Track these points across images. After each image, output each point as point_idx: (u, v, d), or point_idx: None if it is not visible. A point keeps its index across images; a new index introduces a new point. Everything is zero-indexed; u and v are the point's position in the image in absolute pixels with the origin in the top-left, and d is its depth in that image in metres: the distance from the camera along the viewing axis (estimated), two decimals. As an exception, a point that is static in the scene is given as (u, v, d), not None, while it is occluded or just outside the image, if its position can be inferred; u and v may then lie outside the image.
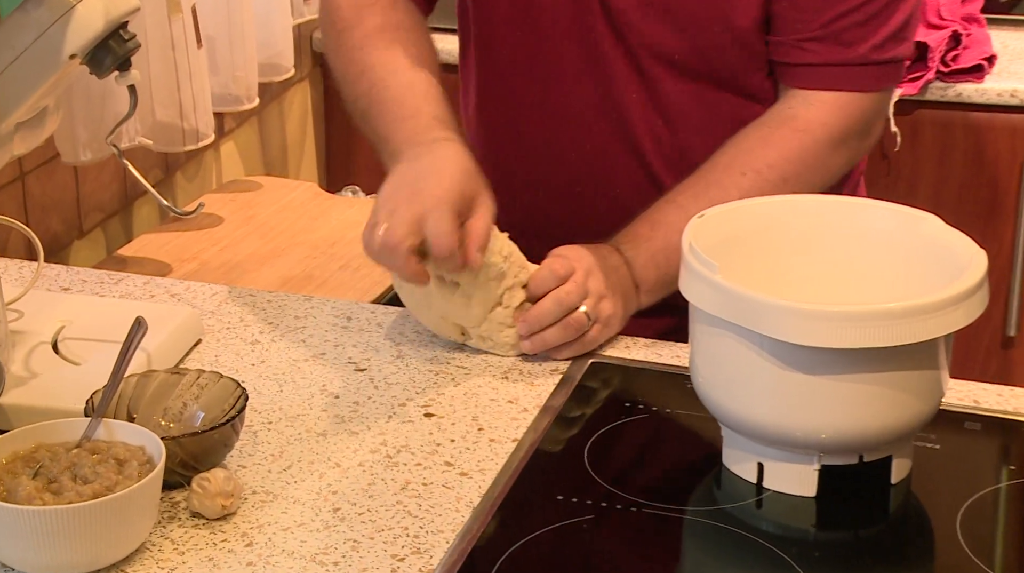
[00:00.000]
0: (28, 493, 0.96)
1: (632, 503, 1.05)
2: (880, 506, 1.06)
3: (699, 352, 1.07)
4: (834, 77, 1.28)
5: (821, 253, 1.13)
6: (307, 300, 1.37)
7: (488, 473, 1.09)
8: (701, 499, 1.07)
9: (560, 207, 1.38)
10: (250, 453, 1.11)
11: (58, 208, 1.88)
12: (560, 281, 1.20)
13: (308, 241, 1.97)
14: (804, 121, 1.28)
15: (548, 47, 1.31)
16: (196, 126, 1.97)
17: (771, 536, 1.02)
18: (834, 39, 1.27)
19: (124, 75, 1.11)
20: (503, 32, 1.34)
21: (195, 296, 1.38)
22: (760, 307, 0.99)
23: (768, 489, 1.06)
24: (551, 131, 1.35)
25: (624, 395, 1.20)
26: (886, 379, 1.00)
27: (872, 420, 1.01)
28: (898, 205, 1.13)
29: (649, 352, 1.27)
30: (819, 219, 1.14)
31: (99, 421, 1.03)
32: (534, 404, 1.19)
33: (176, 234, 1.98)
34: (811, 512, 1.05)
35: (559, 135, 1.35)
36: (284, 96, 2.48)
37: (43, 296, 1.31)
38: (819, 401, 1.00)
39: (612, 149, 1.34)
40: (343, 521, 1.03)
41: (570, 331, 1.21)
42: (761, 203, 1.15)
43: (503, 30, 1.34)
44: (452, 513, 1.04)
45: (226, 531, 1.02)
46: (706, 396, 1.08)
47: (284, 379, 1.23)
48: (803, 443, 1.03)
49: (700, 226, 1.09)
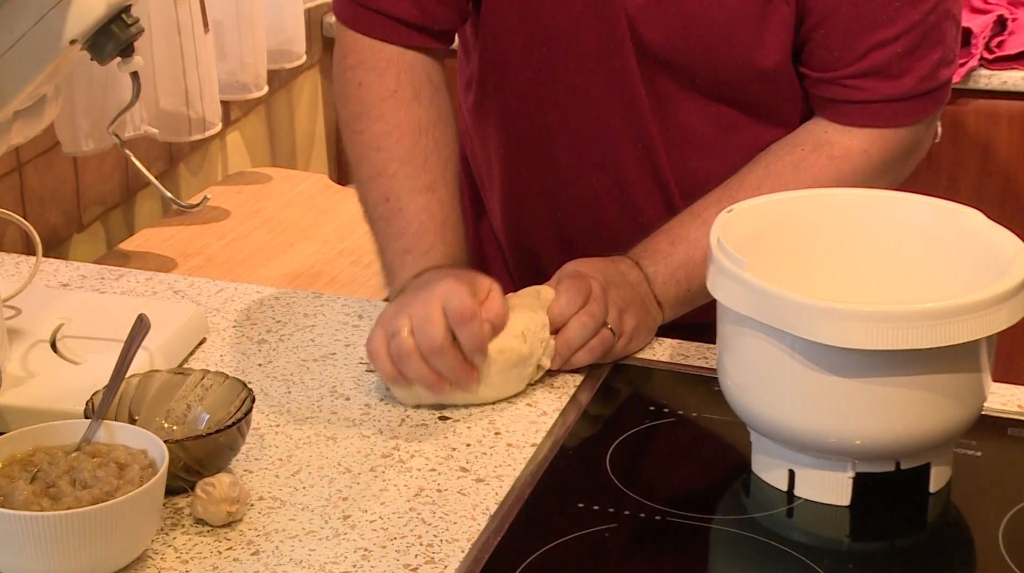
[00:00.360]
0: (25, 498, 0.97)
1: (656, 512, 1.05)
2: (918, 516, 1.06)
3: (727, 353, 1.07)
4: (880, 114, 1.25)
5: (856, 249, 1.13)
6: (317, 297, 1.38)
7: (505, 479, 1.09)
8: (729, 508, 1.07)
9: (581, 231, 1.38)
10: (257, 457, 1.12)
11: (57, 200, 1.90)
12: (581, 303, 1.19)
13: (318, 235, 1.98)
14: (842, 148, 1.26)
15: (571, 71, 1.30)
16: (202, 114, 1.98)
17: (802, 547, 1.02)
18: (878, 73, 1.24)
19: (127, 61, 1.12)
20: (520, 58, 1.32)
21: (199, 293, 1.39)
22: (792, 306, 0.99)
23: (799, 498, 1.06)
24: (572, 154, 1.34)
25: (648, 398, 1.21)
26: (924, 382, 1.00)
27: (910, 425, 1.01)
28: (938, 199, 1.12)
29: (675, 353, 1.27)
30: (854, 214, 1.13)
31: (99, 423, 1.04)
32: (554, 407, 1.19)
33: (180, 228, 1.99)
34: (845, 522, 1.05)
35: (580, 159, 1.34)
36: (294, 84, 2.49)
37: (41, 292, 1.32)
38: (854, 405, 1.00)
39: (634, 173, 1.33)
40: (354, 529, 1.04)
41: (597, 352, 1.21)
42: (793, 197, 1.15)
43: (520, 56, 1.32)
44: (468, 521, 1.04)
45: (231, 539, 1.03)
46: (735, 399, 1.08)
47: (292, 380, 1.23)
48: (837, 449, 1.03)
49: (729, 221, 1.09)
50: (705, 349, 1.27)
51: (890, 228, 1.12)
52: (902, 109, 1.26)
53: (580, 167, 1.35)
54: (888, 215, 1.13)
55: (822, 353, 0.99)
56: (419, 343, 1.12)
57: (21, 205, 1.82)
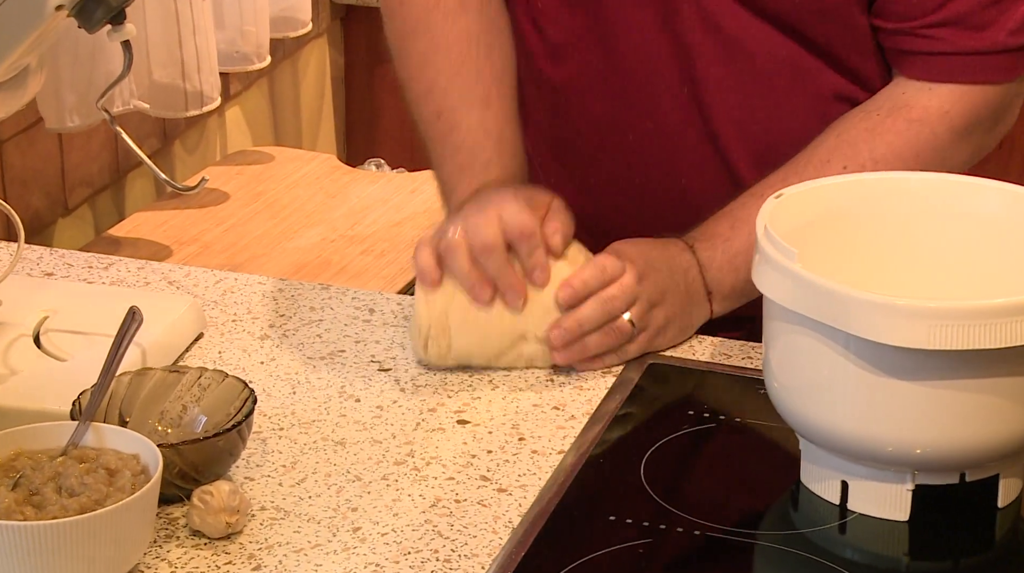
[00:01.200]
0: (7, 506, 0.97)
1: (696, 526, 1.04)
2: (984, 533, 1.05)
3: (775, 353, 1.06)
4: (963, 68, 1.25)
5: (919, 240, 1.12)
6: (324, 289, 1.38)
7: (530, 489, 1.09)
8: (775, 522, 1.07)
9: (620, 202, 1.36)
10: (258, 464, 1.12)
11: (40, 181, 1.90)
12: (608, 281, 1.20)
13: (325, 221, 1.98)
14: (921, 110, 1.26)
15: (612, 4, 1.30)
16: (199, 88, 1.98)
17: (856, 566, 1.02)
18: (962, 23, 1.24)
19: (117, 29, 1.12)
20: None
21: (196, 283, 1.39)
22: (847, 302, 0.98)
23: (853, 512, 1.06)
24: (614, 107, 1.33)
25: (687, 401, 1.20)
26: (993, 386, 0.99)
27: (976, 434, 1.01)
28: (1011, 185, 1.12)
29: (716, 352, 1.27)
30: (917, 201, 1.13)
31: (87, 425, 1.04)
32: (583, 411, 1.19)
33: (175, 212, 1.99)
34: (903, 539, 1.04)
35: (622, 112, 1.33)
36: (299, 54, 2.49)
37: (23, 282, 1.33)
38: (914, 411, 1.00)
39: (682, 129, 1.32)
40: (364, 542, 1.04)
41: (611, 339, 1.20)
42: (848, 181, 1.14)
43: None
44: (488, 534, 1.04)
45: (231, 552, 1.03)
46: (782, 403, 1.07)
47: (297, 380, 1.23)
48: (895, 459, 1.03)
49: (778, 207, 1.09)
50: (750, 348, 1.27)
51: (956, 216, 1.12)
52: (986, 64, 1.25)
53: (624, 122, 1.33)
54: (954, 202, 1.12)
55: (880, 353, 0.99)
56: (471, 240, 1.16)
57: (1, 186, 1.83)
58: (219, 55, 2.08)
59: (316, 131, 2.58)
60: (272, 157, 2.20)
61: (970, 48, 1.25)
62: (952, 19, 1.24)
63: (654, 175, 1.34)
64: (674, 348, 1.27)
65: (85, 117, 1.84)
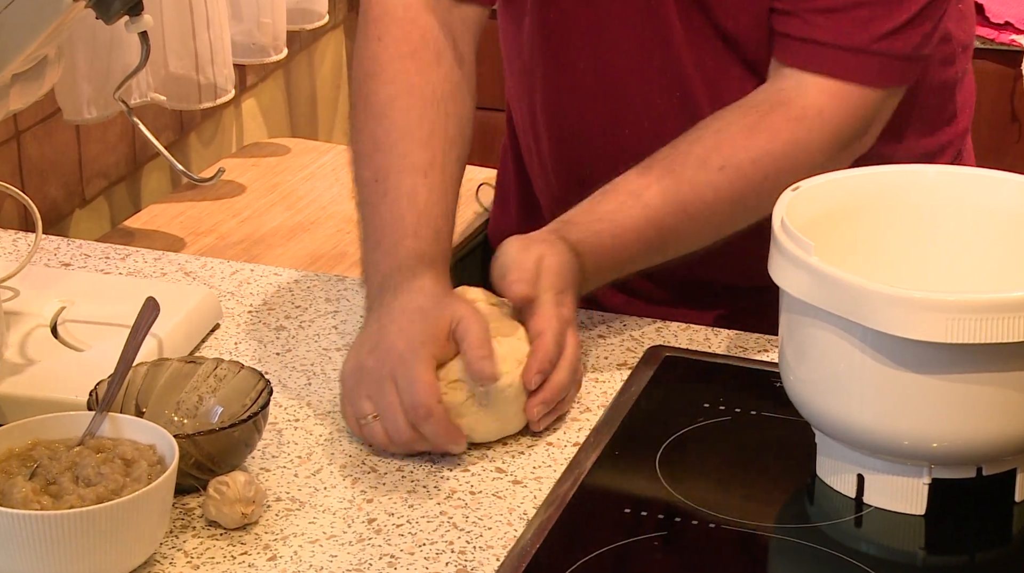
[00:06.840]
0: (24, 496, 0.97)
1: (710, 519, 1.05)
2: (1001, 527, 1.05)
3: (791, 346, 1.06)
4: (835, 60, 1.25)
5: (936, 233, 1.12)
6: (339, 280, 1.38)
7: (545, 481, 1.09)
8: (791, 516, 1.07)
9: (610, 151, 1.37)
10: (274, 454, 1.12)
11: (58, 172, 1.91)
12: (562, 343, 1.15)
13: (341, 213, 1.98)
14: (799, 108, 1.25)
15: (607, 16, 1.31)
16: (214, 80, 1.98)
17: (872, 560, 1.01)
18: (845, 14, 1.24)
19: (135, 20, 1.12)
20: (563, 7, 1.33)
21: (212, 274, 1.39)
22: (864, 295, 0.98)
23: (869, 505, 1.06)
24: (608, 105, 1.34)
25: (703, 394, 1.20)
26: (1010, 380, 0.99)
27: (994, 427, 1.01)
28: (1026, 177, 1.12)
29: (732, 344, 1.27)
30: (934, 194, 1.13)
31: (104, 416, 1.04)
32: (598, 403, 1.19)
33: (191, 204, 2.00)
34: (919, 533, 1.04)
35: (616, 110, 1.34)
36: (315, 46, 2.49)
37: (41, 272, 1.33)
38: (931, 404, 1.00)
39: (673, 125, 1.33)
40: (379, 534, 1.04)
41: (576, 388, 1.19)
42: (865, 174, 1.14)
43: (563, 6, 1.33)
44: (503, 526, 1.04)
45: (246, 543, 1.03)
46: (798, 396, 1.07)
47: (313, 371, 1.24)
48: (911, 453, 1.03)
49: (794, 200, 1.09)
50: (766, 341, 1.27)
51: (973, 208, 1.12)
52: (859, 63, 1.25)
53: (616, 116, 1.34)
54: (971, 194, 1.12)
55: (897, 347, 0.98)
56: (387, 433, 1.11)
57: (19, 177, 1.83)
58: (236, 47, 2.09)
59: (332, 123, 2.58)
60: (288, 149, 2.20)
61: (845, 43, 1.24)
62: (836, 7, 1.24)
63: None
64: (690, 340, 1.27)
65: (102, 109, 1.84)
